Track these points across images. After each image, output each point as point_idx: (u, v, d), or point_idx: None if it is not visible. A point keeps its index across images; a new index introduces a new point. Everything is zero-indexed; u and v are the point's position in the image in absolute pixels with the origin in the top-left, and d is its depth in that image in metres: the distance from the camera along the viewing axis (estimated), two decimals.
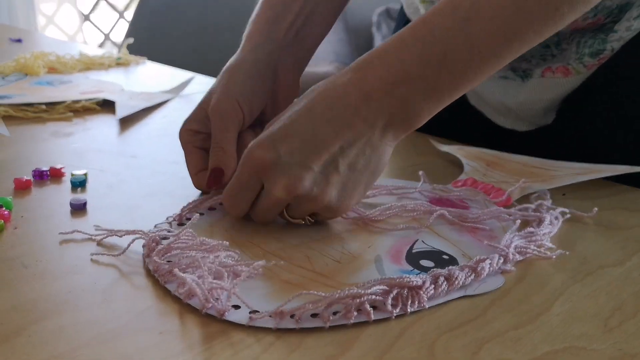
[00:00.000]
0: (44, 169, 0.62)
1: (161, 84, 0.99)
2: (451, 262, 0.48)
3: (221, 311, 0.41)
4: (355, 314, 0.41)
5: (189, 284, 0.42)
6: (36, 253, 0.49)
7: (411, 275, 0.43)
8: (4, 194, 0.58)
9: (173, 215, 0.54)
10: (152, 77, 1.08)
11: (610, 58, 0.66)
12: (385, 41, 0.51)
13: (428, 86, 0.49)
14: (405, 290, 0.43)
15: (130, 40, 1.23)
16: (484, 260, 0.47)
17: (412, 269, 0.47)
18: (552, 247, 0.51)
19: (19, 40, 1.32)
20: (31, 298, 0.43)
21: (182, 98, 0.94)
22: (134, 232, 0.50)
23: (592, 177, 0.62)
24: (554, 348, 0.39)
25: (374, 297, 0.42)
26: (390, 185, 0.61)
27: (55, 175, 0.63)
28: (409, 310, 0.42)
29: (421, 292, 0.43)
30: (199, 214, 0.55)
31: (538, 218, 0.55)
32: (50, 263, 0.47)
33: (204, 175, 0.58)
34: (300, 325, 0.40)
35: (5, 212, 0.53)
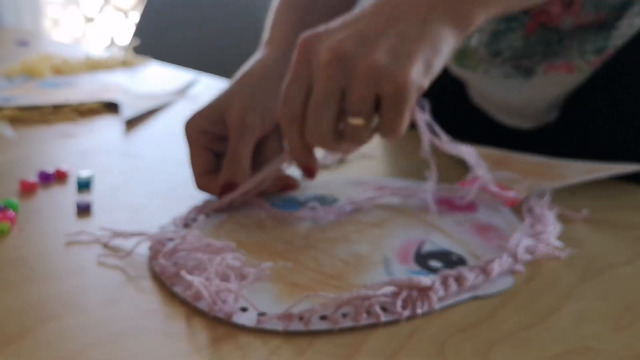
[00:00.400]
0: (50, 171, 0.62)
1: (166, 84, 0.99)
2: (460, 262, 0.48)
3: (229, 314, 0.40)
4: (365, 316, 0.41)
5: (196, 287, 0.42)
6: (42, 254, 0.49)
7: (420, 276, 0.43)
8: (10, 195, 0.58)
9: (179, 216, 0.54)
10: (157, 78, 1.07)
11: (613, 55, 0.65)
12: None
13: None
14: (415, 291, 0.42)
15: (137, 41, 1.23)
16: (494, 261, 0.46)
17: (421, 269, 0.47)
18: (561, 246, 0.51)
19: (26, 44, 1.32)
20: (37, 299, 0.43)
21: (187, 99, 0.93)
22: (140, 234, 0.49)
23: (602, 175, 0.61)
24: (564, 349, 0.39)
25: (383, 298, 0.41)
26: (395, 186, 0.60)
27: (60, 176, 0.63)
28: (418, 311, 0.42)
29: (431, 293, 0.42)
30: (204, 215, 0.54)
31: (540, 217, 0.54)
32: (55, 264, 0.47)
33: (208, 179, 0.57)
34: (309, 328, 0.40)
35: (11, 213, 0.53)
